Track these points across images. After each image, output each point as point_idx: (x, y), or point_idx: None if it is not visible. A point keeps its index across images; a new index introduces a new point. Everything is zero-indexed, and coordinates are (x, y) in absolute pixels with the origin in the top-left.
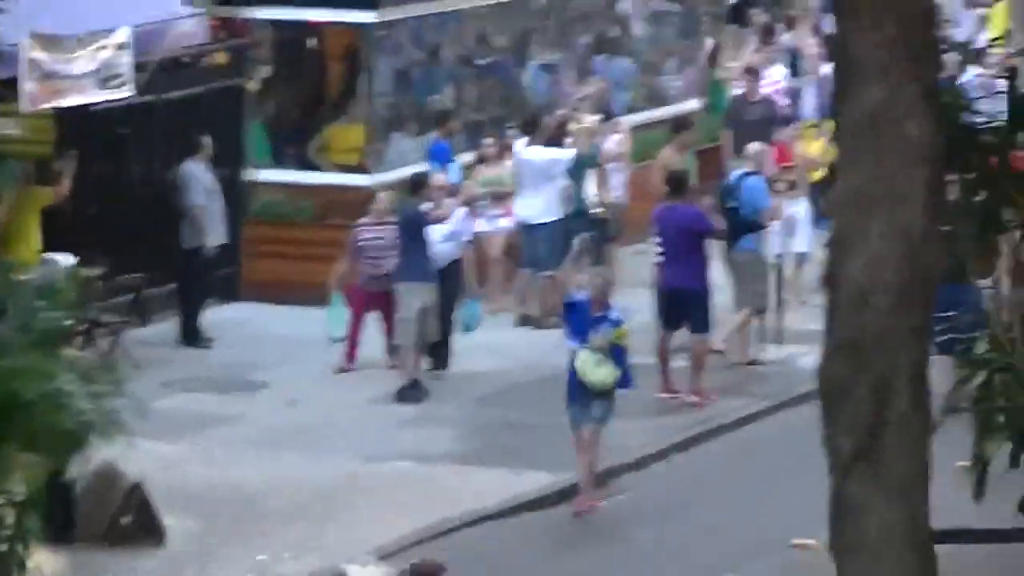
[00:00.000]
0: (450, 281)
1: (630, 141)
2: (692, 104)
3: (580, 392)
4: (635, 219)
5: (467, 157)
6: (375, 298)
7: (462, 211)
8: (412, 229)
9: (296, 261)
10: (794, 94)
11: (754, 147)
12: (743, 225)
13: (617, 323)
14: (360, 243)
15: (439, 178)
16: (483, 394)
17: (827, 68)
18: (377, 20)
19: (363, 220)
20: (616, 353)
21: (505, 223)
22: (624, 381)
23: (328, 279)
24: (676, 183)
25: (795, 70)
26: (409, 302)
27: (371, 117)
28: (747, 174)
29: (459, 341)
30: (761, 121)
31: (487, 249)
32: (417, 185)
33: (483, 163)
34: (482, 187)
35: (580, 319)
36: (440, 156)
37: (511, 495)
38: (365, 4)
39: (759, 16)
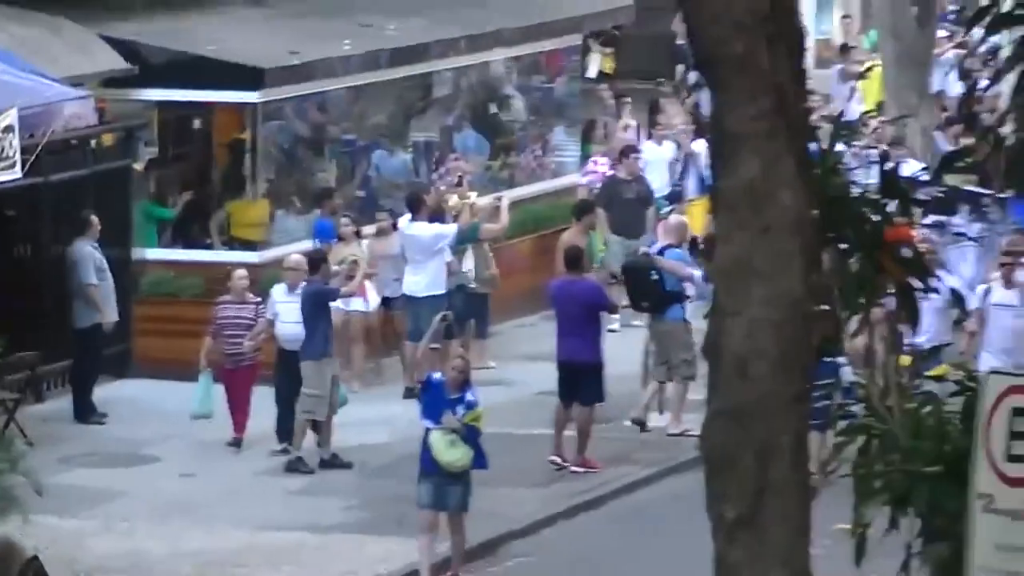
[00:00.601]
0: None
1: (508, 216)
2: (572, 179)
3: (433, 471)
4: (524, 293)
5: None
6: (238, 375)
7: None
8: (317, 305)
9: (185, 338)
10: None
11: (675, 219)
12: (669, 296)
13: (472, 405)
14: (220, 321)
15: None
16: (373, 466)
17: (698, 145)
18: (261, 100)
19: (224, 298)
20: (471, 434)
21: (359, 304)
22: (478, 462)
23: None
24: (572, 259)
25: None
26: (318, 377)
27: (258, 195)
28: (668, 246)
29: (348, 415)
30: (636, 200)
31: (346, 329)
32: (316, 263)
33: (340, 241)
34: (337, 266)
35: (435, 399)
36: (324, 234)
37: (404, 563)
38: (249, 85)
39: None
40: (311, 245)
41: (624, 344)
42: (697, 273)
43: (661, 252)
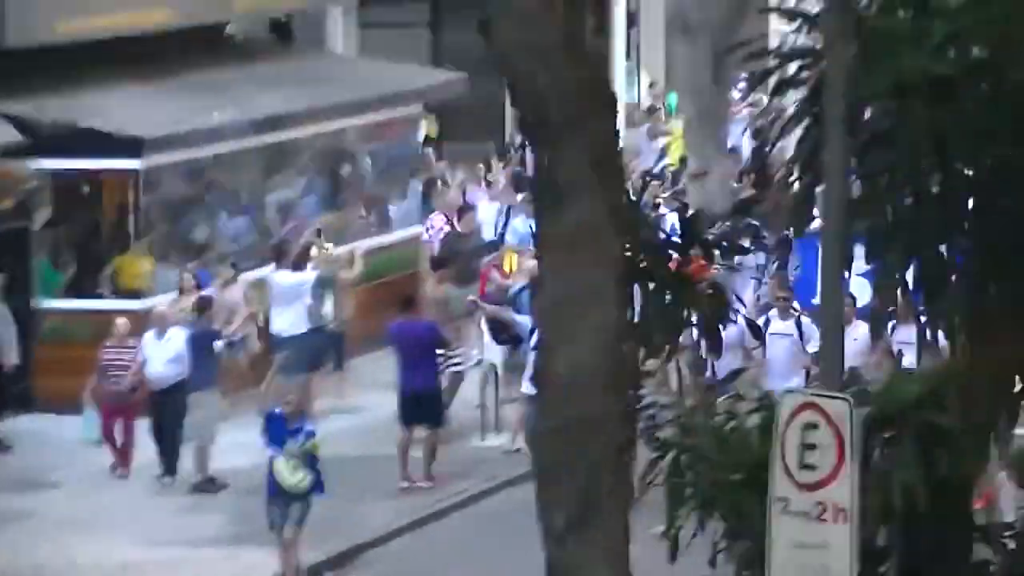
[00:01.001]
0: (175, 401)
1: (361, 264)
2: (413, 231)
3: (278, 495)
4: (371, 332)
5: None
6: (118, 410)
7: (184, 333)
8: (202, 345)
9: (79, 377)
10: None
11: (529, 262)
12: (528, 331)
13: (311, 434)
14: (104, 362)
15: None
16: (248, 486)
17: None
18: (142, 167)
19: (108, 342)
20: (310, 461)
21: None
22: (317, 486)
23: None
24: (407, 302)
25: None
26: (205, 407)
27: (142, 250)
28: (526, 286)
29: (229, 439)
30: (472, 252)
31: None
32: (203, 306)
33: (182, 294)
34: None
35: (277, 429)
36: (203, 284)
37: (272, 572)
38: (131, 153)
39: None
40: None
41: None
42: (519, 317)
43: (520, 291)
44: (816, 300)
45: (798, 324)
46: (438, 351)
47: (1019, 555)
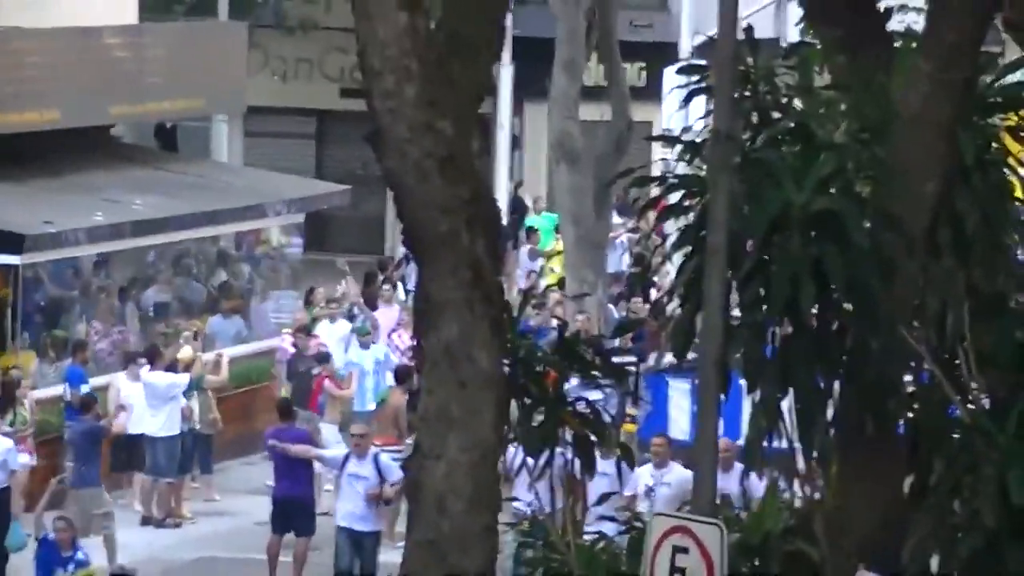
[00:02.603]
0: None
1: (227, 370)
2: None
3: None
4: (239, 437)
5: (100, 381)
6: None
7: (8, 442)
8: (89, 442)
9: None
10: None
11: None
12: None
13: (82, 563)
14: None
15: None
16: None
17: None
18: (21, 262)
19: None
20: None
21: (25, 459)
22: None
23: None
24: (284, 409)
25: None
26: (102, 499)
27: (21, 346)
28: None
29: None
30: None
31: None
32: (88, 404)
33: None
34: (13, 424)
35: (48, 557)
36: (74, 379)
37: None
38: (11, 249)
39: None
40: (62, 390)
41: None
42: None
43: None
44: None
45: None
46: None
47: None
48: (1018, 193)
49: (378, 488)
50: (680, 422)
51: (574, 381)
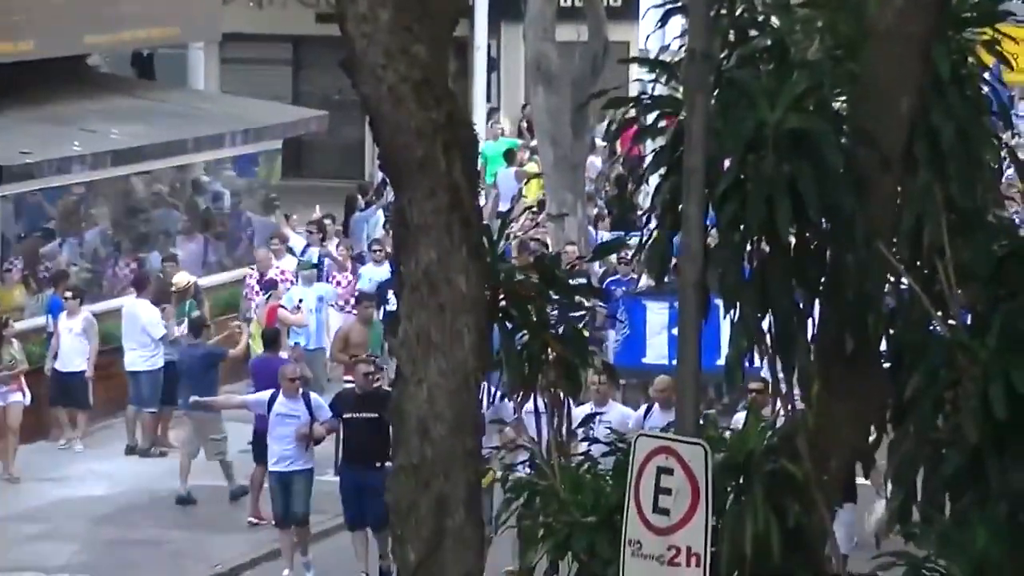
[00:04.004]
0: None
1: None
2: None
3: None
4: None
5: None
6: None
7: None
8: (204, 367)
9: None
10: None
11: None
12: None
13: None
14: None
15: None
16: (100, 514)
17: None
18: (1, 193)
19: None
20: None
21: (17, 397)
22: None
23: None
24: (271, 339)
25: None
26: (205, 431)
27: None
28: None
29: (74, 468)
30: None
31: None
32: (199, 329)
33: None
34: (3, 363)
35: None
36: (56, 310)
37: None
38: None
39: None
40: (44, 320)
41: None
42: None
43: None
44: (644, 360)
45: None
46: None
47: None
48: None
49: (307, 427)
50: (657, 346)
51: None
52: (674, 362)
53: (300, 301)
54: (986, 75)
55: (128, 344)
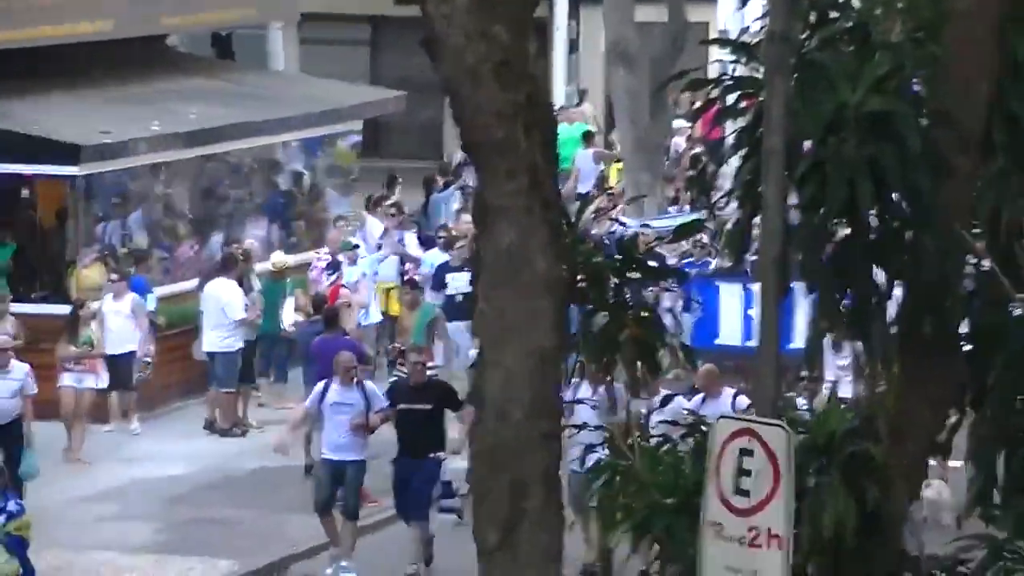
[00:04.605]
0: (12, 435)
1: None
2: None
3: None
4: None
5: (163, 290)
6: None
7: (24, 367)
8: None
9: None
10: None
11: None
12: None
13: (14, 514)
14: None
15: None
16: (176, 493)
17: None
18: (80, 173)
19: None
20: (14, 544)
21: (91, 382)
22: (25, 571)
23: None
24: (331, 319)
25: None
26: None
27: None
28: None
29: (151, 450)
30: None
31: (72, 405)
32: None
33: (77, 323)
34: (80, 346)
35: None
36: (138, 289)
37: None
38: (68, 159)
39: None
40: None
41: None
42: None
43: None
44: (717, 341)
45: None
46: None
47: None
48: None
49: (363, 416)
50: (731, 327)
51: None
52: (747, 343)
53: (363, 275)
54: None
55: (207, 324)
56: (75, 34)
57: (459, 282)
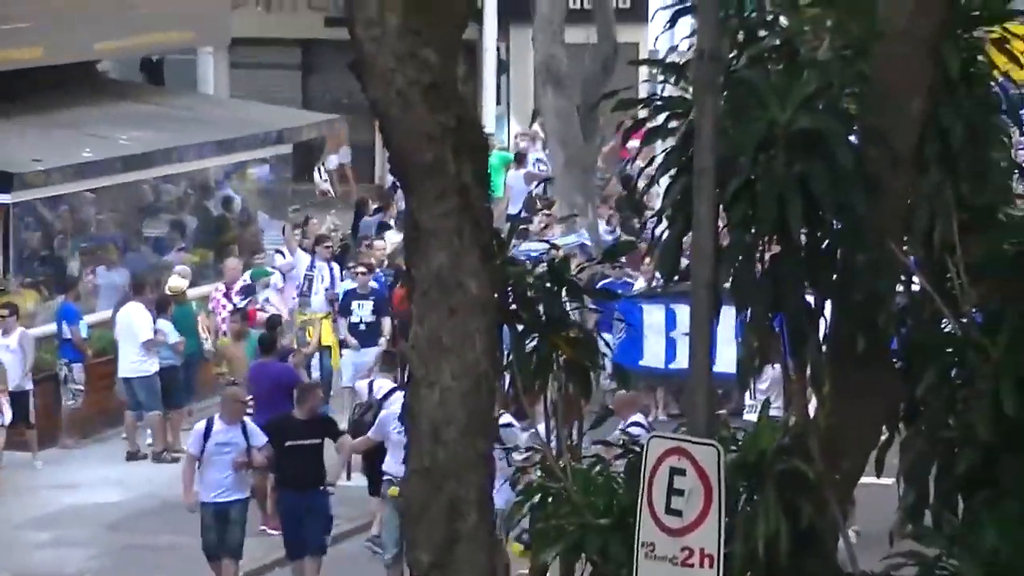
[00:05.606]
0: None
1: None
2: None
3: None
4: None
5: (94, 317)
6: None
7: None
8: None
9: None
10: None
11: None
12: None
13: None
14: None
15: None
16: (112, 519)
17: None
18: (11, 201)
19: None
20: None
21: None
22: None
23: None
24: (269, 344)
25: None
26: None
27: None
28: None
29: (80, 476)
30: None
31: None
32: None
33: None
34: None
35: None
36: (69, 316)
37: None
38: (0, 187)
39: None
40: (56, 327)
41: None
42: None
43: None
44: (642, 362)
45: None
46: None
47: None
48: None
49: (246, 456)
50: (655, 349)
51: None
52: (671, 365)
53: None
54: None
55: (122, 350)
56: (6, 61)
57: (364, 310)
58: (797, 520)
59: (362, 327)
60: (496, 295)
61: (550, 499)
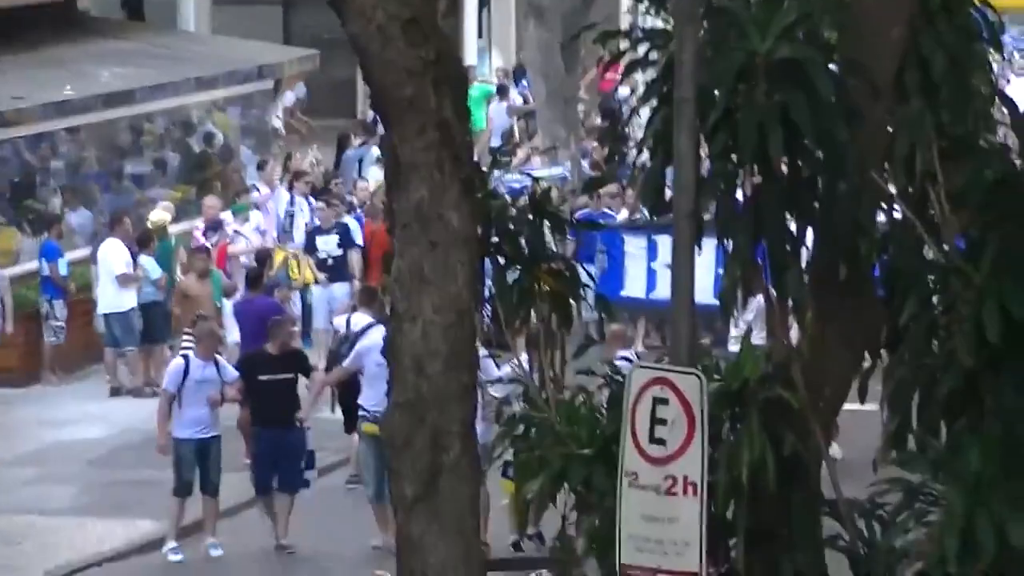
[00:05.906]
0: None
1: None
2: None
3: None
4: None
5: (77, 254)
6: None
7: None
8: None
9: None
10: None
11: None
12: None
13: None
14: None
15: None
16: (95, 455)
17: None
18: None
19: None
20: None
21: None
22: None
23: None
24: (253, 279)
25: None
26: None
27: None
28: None
29: (64, 413)
30: None
31: None
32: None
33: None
34: None
35: None
36: (50, 254)
37: (125, 541)
38: None
39: None
40: (38, 264)
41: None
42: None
43: None
44: (623, 293)
45: None
46: None
47: (871, 531)
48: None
49: (219, 392)
50: (636, 279)
51: None
52: (651, 295)
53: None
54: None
55: (100, 286)
56: None
57: (329, 245)
58: (780, 448)
59: (329, 262)
60: (478, 228)
61: (533, 430)
